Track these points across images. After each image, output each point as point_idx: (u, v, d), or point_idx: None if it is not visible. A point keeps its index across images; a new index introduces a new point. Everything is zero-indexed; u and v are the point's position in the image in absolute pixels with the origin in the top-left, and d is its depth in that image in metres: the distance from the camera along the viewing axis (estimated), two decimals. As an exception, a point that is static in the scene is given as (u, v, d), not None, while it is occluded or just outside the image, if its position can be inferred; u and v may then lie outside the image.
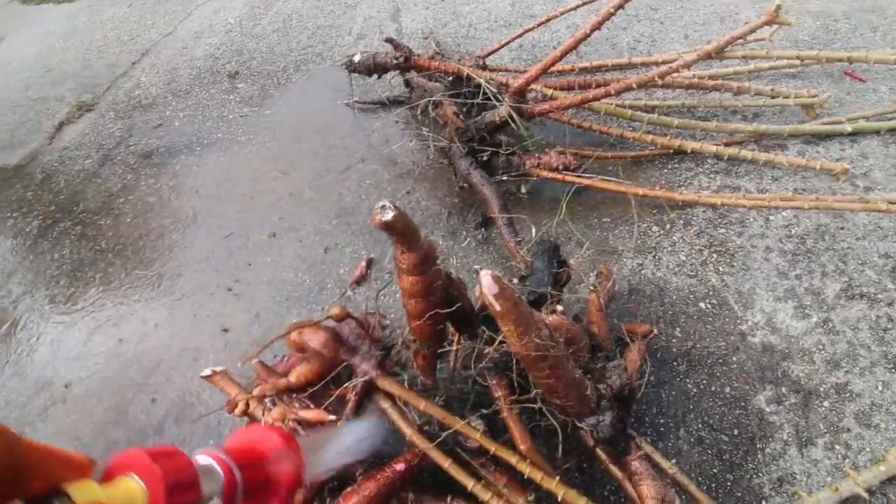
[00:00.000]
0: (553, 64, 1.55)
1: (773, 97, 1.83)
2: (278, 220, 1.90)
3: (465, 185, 1.79)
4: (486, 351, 0.88)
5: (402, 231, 0.66)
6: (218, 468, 0.47)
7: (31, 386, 1.58)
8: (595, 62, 1.92)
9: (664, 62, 1.78)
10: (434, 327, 0.84)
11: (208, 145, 2.26)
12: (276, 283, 1.71)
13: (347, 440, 0.74)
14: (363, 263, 1.69)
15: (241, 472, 0.48)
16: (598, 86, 1.77)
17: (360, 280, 1.67)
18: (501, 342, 0.83)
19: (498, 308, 0.69)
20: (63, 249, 1.97)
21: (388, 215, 0.63)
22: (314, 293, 1.66)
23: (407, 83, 2.14)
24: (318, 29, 2.80)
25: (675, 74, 1.74)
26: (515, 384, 0.95)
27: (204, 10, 3.19)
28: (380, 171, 2.00)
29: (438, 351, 0.93)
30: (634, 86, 1.55)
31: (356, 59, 1.87)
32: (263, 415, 1.19)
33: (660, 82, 1.60)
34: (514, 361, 0.95)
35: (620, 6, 1.48)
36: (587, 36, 1.51)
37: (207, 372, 1.28)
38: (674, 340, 1.42)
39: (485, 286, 0.68)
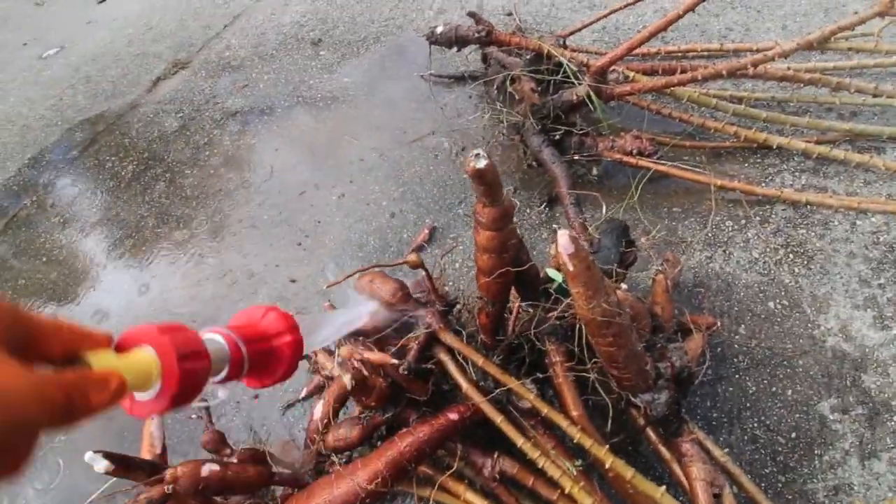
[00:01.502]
0: (639, 45, 1.52)
1: (875, 96, 1.70)
2: (349, 182, 1.98)
3: (535, 162, 1.79)
4: (549, 315, 0.90)
5: (489, 182, 0.69)
6: (224, 342, 0.49)
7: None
8: (683, 46, 1.85)
9: (759, 50, 1.70)
10: (503, 285, 0.87)
11: (288, 108, 2.37)
12: (342, 241, 1.79)
13: (340, 320, 0.78)
14: (426, 230, 1.74)
15: (245, 346, 0.50)
16: (684, 71, 1.72)
17: (422, 245, 1.72)
18: (568, 306, 0.84)
19: (571, 268, 0.71)
20: (153, 193, 2.14)
21: (482, 163, 0.66)
22: (377, 253, 1.73)
23: (484, 58, 2.14)
24: (400, 2, 2.84)
25: (769, 64, 1.65)
26: (574, 352, 0.97)
27: (292, -21, 3.30)
28: (449, 143, 2.03)
29: (501, 312, 0.96)
30: (724, 73, 1.49)
31: (438, 30, 1.90)
32: (328, 358, 1.27)
33: (751, 71, 1.53)
34: (575, 330, 0.96)
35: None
36: (678, 18, 1.46)
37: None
38: (737, 337, 1.38)
39: (561, 244, 0.70)
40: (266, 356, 0.53)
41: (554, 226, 1.68)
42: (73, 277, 1.92)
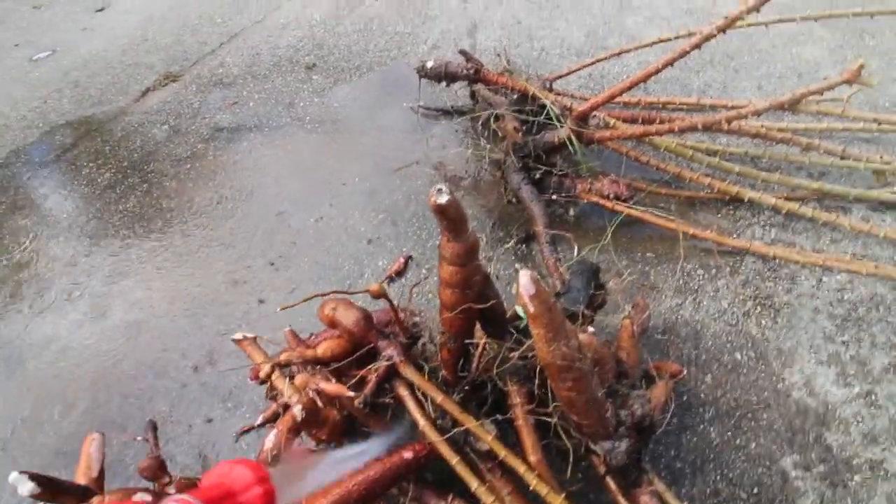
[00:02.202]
0: (620, 93, 1.56)
1: (842, 158, 1.77)
2: (328, 206, 1.97)
3: (514, 199, 1.81)
4: (511, 355, 0.89)
5: (452, 217, 0.69)
6: None
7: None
8: (663, 98, 1.92)
9: (734, 107, 1.76)
10: (465, 321, 0.85)
11: (276, 128, 2.37)
12: (316, 264, 1.77)
13: (323, 472, 0.74)
14: (402, 259, 1.73)
15: None
16: (662, 122, 1.77)
17: (398, 274, 1.71)
18: (529, 348, 0.83)
19: (531, 309, 0.71)
20: (127, 203, 2.11)
21: (443, 199, 0.65)
22: (352, 279, 1.71)
23: (472, 95, 2.19)
24: (395, 34, 2.91)
25: (743, 121, 1.71)
26: (535, 394, 0.95)
27: (293, 4, 3.36)
28: (432, 174, 2.04)
29: (463, 349, 0.94)
30: (700, 126, 1.54)
31: (429, 64, 1.94)
32: (285, 385, 1.23)
33: (726, 126, 1.58)
34: (537, 372, 0.95)
35: (697, 46, 1.48)
36: (659, 71, 1.51)
37: (238, 336, 1.34)
38: (702, 386, 1.38)
39: (522, 285, 0.69)
40: None
41: (516, 265, 1.68)
42: (36, 280, 1.85)
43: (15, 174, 2.34)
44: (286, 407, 1.20)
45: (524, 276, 0.69)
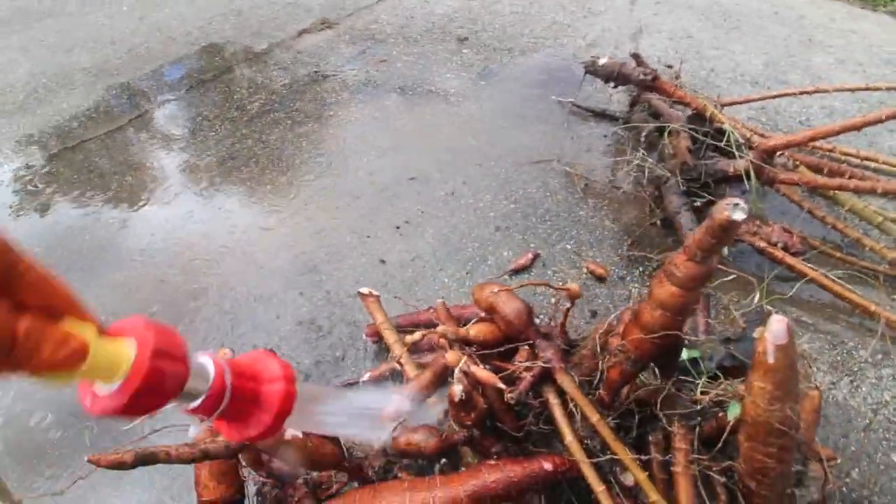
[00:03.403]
0: (825, 137, 1.40)
1: None
2: (461, 183, 1.93)
3: (660, 221, 1.68)
4: (696, 398, 0.80)
5: (726, 238, 0.61)
6: (210, 366, 0.45)
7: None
8: (863, 152, 1.71)
9: (951, 180, 1.53)
10: (658, 347, 0.77)
11: (420, 93, 2.36)
12: (440, 237, 1.74)
13: (353, 405, 0.67)
14: (530, 255, 1.66)
15: (233, 379, 0.46)
16: (854, 177, 1.58)
17: (521, 269, 1.64)
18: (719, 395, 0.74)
19: (772, 360, 0.62)
20: (272, 135, 2.17)
21: (739, 215, 0.57)
22: (473, 262, 1.66)
23: (632, 104, 2.06)
24: (554, 24, 2.81)
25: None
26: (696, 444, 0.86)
27: (451, -25, 3.34)
28: (572, 175, 1.95)
29: (636, 375, 0.87)
30: (910, 192, 1.35)
31: (601, 62, 1.83)
32: (403, 355, 1.20)
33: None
34: (707, 419, 0.86)
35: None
36: (881, 121, 1.33)
37: (365, 290, 1.33)
38: (847, 481, 1.22)
39: (773, 331, 0.60)
40: (251, 398, 0.48)
41: (768, 308, 1.55)
42: (175, 190, 1.95)
43: (175, 85, 2.48)
44: (406, 374, 1.19)
45: (779, 322, 0.60)
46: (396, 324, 1.40)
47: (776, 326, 0.61)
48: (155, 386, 0.39)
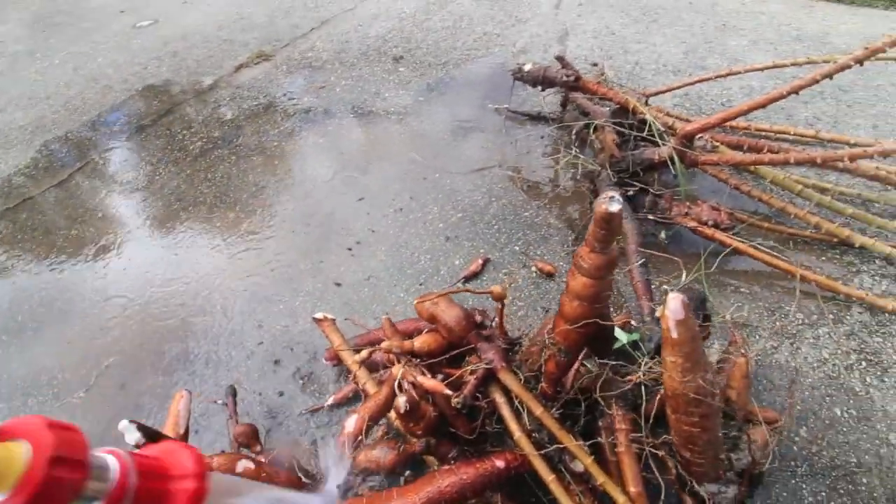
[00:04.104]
0: (736, 117, 1.48)
1: (972, 213, 1.62)
2: (409, 198, 1.97)
3: (601, 214, 1.75)
4: (627, 378, 0.85)
5: (612, 228, 0.65)
6: (114, 465, 0.42)
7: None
8: (776, 126, 1.81)
9: (856, 144, 1.64)
10: (583, 336, 0.82)
11: (362, 115, 2.40)
12: (392, 254, 1.77)
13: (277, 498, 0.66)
14: (480, 261, 1.70)
15: (138, 479, 0.43)
16: (772, 151, 1.67)
17: (473, 276, 1.68)
18: (651, 372, 0.78)
19: (675, 335, 0.66)
20: (217, 172, 2.17)
21: (615, 207, 0.62)
22: (427, 274, 1.69)
23: (564, 104, 2.14)
24: (484, 35, 2.89)
25: (860, 161, 1.60)
26: (640, 422, 0.90)
27: (384, -4, 3.41)
28: (515, 178, 2.01)
29: (571, 364, 0.91)
30: (818, 160, 1.44)
31: (526, 67, 1.90)
32: (360, 374, 1.22)
33: (843, 164, 1.48)
34: (644, 397, 0.90)
35: (829, 75, 1.38)
36: (783, 97, 1.43)
37: (319, 315, 1.34)
38: (797, 439, 1.28)
39: (671, 308, 0.65)
40: (156, 498, 0.45)
41: (665, 286, 1.61)
42: (122, 238, 1.93)
43: (114, 134, 2.46)
44: (365, 393, 1.20)
45: (675, 300, 0.65)
46: (354, 345, 1.42)
47: (673, 304, 0.65)
48: (49, 496, 0.36)
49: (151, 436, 0.85)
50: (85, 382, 1.49)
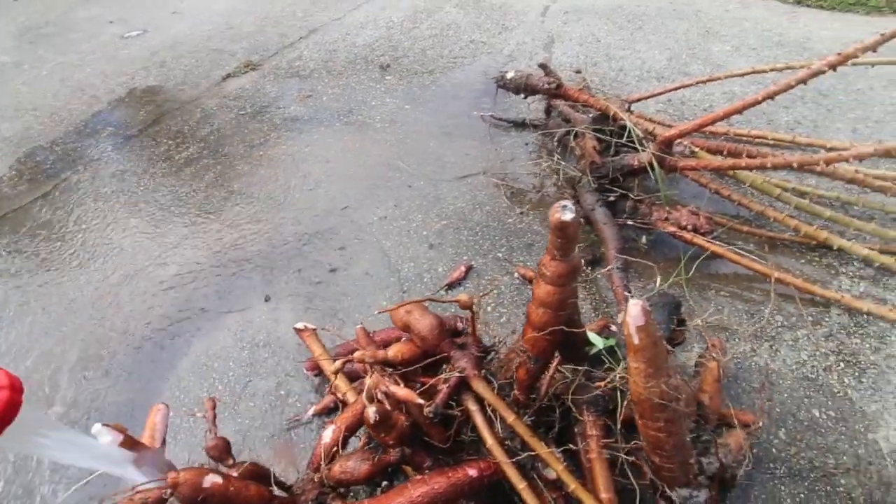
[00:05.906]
0: (713, 122, 1.50)
1: (948, 215, 1.64)
2: (393, 206, 1.98)
3: (583, 220, 1.76)
4: (597, 385, 0.85)
5: (570, 236, 0.66)
6: None
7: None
8: (754, 131, 1.83)
9: (832, 148, 1.66)
10: (551, 343, 0.82)
11: (348, 123, 2.41)
12: (376, 261, 1.77)
13: (77, 443, 0.69)
14: (463, 268, 1.71)
15: None
16: (750, 156, 1.69)
17: (456, 283, 1.69)
18: (617, 380, 0.79)
19: (636, 341, 0.67)
20: (202, 182, 2.17)
21: (568, 216, 0.63)
22: (410, 282, 1.70)
23: (547, 110, 2.16)
24: (470, 42, 2.91)
25: (838, 165, 1.61)
26: (614, 428, 0.91)
27: (372, 6, 3.43)
28: (499, 185, 2.02)
29: (542, 371, 0.91)
30: (795, 165, 1.46)
31: (508, 75, 1.92)
32: (340, 384, 1.22)
33: (821, 168, 1.50)
34: (617, 404, 0.91)
35: (804, 80, 1.40)
36: (758, 102, 1.44)
37: (300, 325, 1.34)
38: (775, 441, 1.29)
39: (631, 314, 0.65)
40: None
41: (626, 293, 1.62)
42: (103, 251, 1.93)
43: (100, 144, 2.46)
44: (343, 403, 1.20)
45: (635, 306, 0.66)
46: (335, 355, 1.42)
47: (633, 310, 0.66)
48: None
49: (127, 441, 0.85)
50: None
